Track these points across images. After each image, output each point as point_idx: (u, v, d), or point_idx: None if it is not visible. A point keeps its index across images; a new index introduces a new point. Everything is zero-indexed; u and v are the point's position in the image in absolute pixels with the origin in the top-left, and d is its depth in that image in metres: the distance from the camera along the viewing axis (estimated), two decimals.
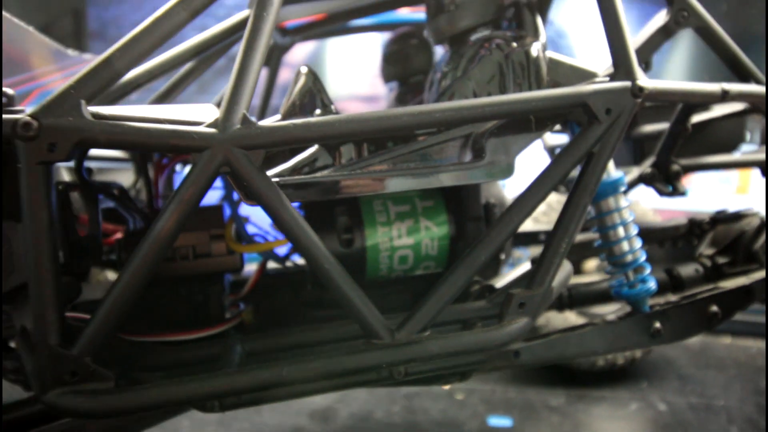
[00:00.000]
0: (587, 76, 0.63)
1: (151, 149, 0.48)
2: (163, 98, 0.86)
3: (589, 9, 0.62)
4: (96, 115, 0.43)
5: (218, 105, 0.91)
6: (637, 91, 0.53)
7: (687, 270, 0.78)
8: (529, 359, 0.65)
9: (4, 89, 0.47)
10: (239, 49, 0.47)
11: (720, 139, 0.82)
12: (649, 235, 0.92)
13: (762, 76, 0.70)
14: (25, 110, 0.48)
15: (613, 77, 0.55)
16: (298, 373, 0.48)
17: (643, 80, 0.54)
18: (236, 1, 0.82)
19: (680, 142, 0.74)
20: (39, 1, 1.72)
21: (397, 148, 0.58)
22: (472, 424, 1.07)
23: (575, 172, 0.56)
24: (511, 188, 1.03)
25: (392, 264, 0.66)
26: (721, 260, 0.78)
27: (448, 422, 1.07)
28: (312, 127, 0.47)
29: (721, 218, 0.85)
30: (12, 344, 0.64)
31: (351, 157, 0.57)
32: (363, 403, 1.13)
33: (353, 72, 1.62)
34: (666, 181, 0.78)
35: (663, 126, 0.77)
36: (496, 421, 1.08)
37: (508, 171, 0.56)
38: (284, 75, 0.97)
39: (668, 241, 0.93)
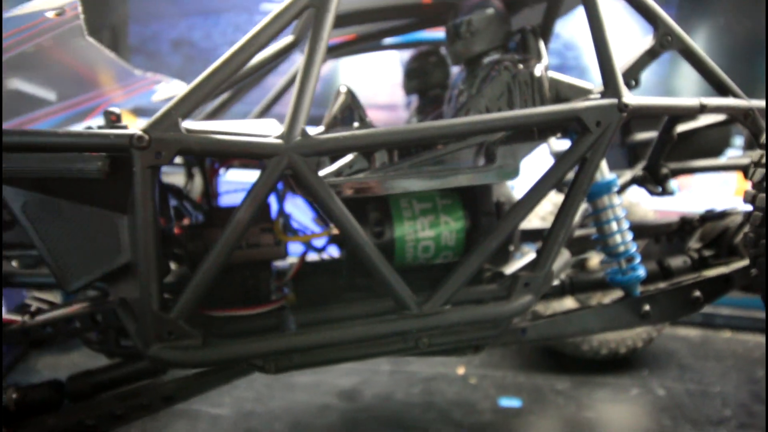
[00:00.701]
0: (582, 92, 0.74)
1: (232, 156, 0.59)
2: (213, 115, 0.99)
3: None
4: (188, 130, 0.55)
5: (257, 116, 1.05)
6: (622, 106, 0.64)
7: (676, 261, 0.88)
8: (534, 336, 0.76)
9: (112, 108, 0.59)
10: (298, 74, 0.59)
11: (707, 145, 0.92)
12: (644, 231, 1.03)
13: (739, 90, 0.80)
14: (126, 125, 0.61)
15: (603, 95, 0.66)
16: (344, 335, 0.59)
17: (628, 97, 0.65)
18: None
19: (668, 148, 0.84)
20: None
21: (422, 154, 0.70)
22: (484, 404, 1.17)
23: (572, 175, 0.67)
24: (518, 188, 1.14)
25: (416, 253, 0.77)
26: (707, 253, 0.88)
27: (462, 402, 1.18)
28: (357, 137, 0.58)
29: (709, 216, 0.95)
30: (98, 318, 0.76)
31: (384, 162, 0.69)
32: (384, 385, 1.24)
33: (372, 82, 1.74)
34: (656, 182, 0.88)
35: (653, 134, 0.88)
36: (506, 402, 1.19)
37: (515, 173, 0.67)
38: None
39: (662, 237, 1.03)
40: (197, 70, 1.67)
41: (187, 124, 0.56)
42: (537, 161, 0.83)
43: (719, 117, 0.87)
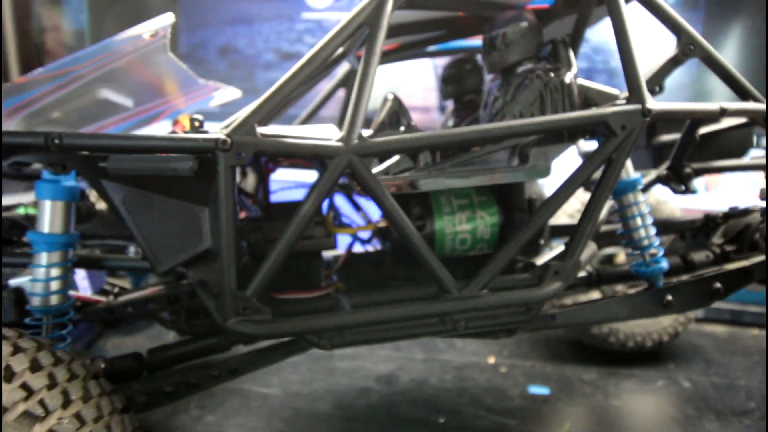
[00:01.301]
0: (609, 97, 0.81)
1: (300, 157, 0.68)
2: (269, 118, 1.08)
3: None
4: (263, 135, 0.64)
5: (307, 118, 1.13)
6: (646, 111, 0.71)
7: (699, 256, 0.94)
8: (563, 321, 0.83)
9: (196, 115, 0.68)
10: (355, 85, 0.67)
11: (730, 146, 0.97)
12: (670, 227, 1.08)
13: (759, 95, 0.85)
14: (207, 130, 0.70)
15: (628, 100, 0.73)
16: (392, 314, 0.67)
17: (651, 103, 0.72)
18: None
19: (690, 149, 0.90)
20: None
21: (462, 155, 0.77)
22: (514, 391, 1.24)
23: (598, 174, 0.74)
24: (548, 186, 1.20)
25: (454, 245, 0.85)
26: (729, 248, 0.93)
27: (493, 389, 1.25)
28: (405, 141, 0.67)
29: (732, 214, 1.00)
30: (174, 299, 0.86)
31: (427, 162, 0.77)
32: (420, 372, 1.32)
33: (407, 86, 1.82)
34: (679, 181, 0.94)
35: (677, 136, 0.93)
36: (535, 389, 1.25)
37: (546, 172, 0.74)
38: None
39: (688, 233, 1.08)
40: (241, 75, 1.81)
41: (262, 130, 0.65)
42: (565, 161, 0.89)
43: (740, 119, 0.92)
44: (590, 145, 1.19)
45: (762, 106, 0.84)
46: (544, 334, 1.54)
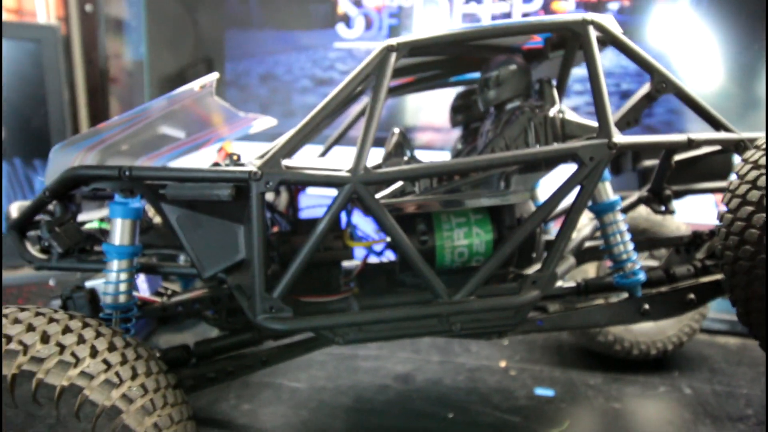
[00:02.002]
0: (589, 130, 0.92)
1: (315, 185, 0.82)
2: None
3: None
4: (287, 167, 0.79)
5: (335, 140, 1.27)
6: (612, 145, 0.82)
7: (680, 269, 1.03)
8: (549, 326, 0.94)
9: (234, 152, 0.84)
10: (363, 125, 0.81)
11: (713, 169, 1.06)
12: (663, 242, 1.17)
13: (729, 125, 0.95)
14: (243, 162, 0.86)
15: (597, 135, 0.84)
16: (392, 314, 0.81)
17: (617, 137, 0.83)
18: None
19: (668, 174, 1.00)
20: (178, 51, 2.21)
21: (457, 181, 0.90)
22: (521, 392, 1.34)
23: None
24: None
25: (453, 257, 0.97)
26: (709, 263, 1.02)
27: (501, 389, 1.36)
28: (404, 171, 0.80)
29: (716, 230, 1.09)
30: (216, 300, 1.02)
31: (426, 187, 0.90)
32: (434, 372, 1.44)
33: (432, 108, 1.95)
34: (659, 202, 1.03)
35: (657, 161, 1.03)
36: (541, 391, 1.35)
37: (525, 196, 0.86)
38: None
39: (682, 248, 1.17)
40: (280, 99, 2.01)
41: (286, 162, 0.81)
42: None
43: (717, 146, 1.01)
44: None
45: (731, 135, 0.93)
46: (555, 341, 1.64)
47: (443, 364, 1.49)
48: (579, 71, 1.72)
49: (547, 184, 0.96)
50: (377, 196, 0.88)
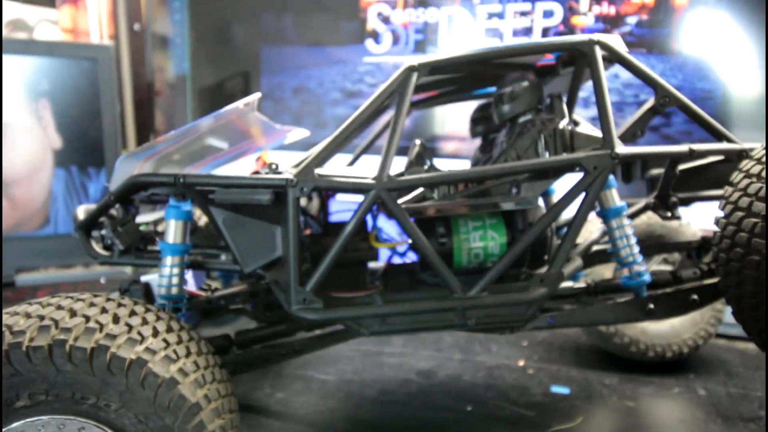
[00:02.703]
0: (595, 141, 0.99)
1: (344, 192, 0.92)
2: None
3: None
4: (320, 175, 0.89)
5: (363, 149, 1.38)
6: (614, 155, 0.90)
7: (687, 272, 1.09)
8: (559, 322, 1.02)
9: (273, 161, 0.95)
10: (386, 138, 0.91)
11: (717, 178, 1.12)
12: (671, 247, 1.23)
13: (731, 136, 1.01)
14: (281, 170, 0.97)
15: (601, 146, 0.92)
16: (415, 306, 0.90)
17: (619, 148, 0.90)
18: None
19: (672, 182, 1.06)
20: (218, 65, 2.37)
21: (473, 188, 0.99)
22: (537, 389, 1.41)
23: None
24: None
25: (470, 258, 1.06)
26: (714, 266, 1.08)
27: (518, 386, 1.43)
28: (423, 179, 0.90)
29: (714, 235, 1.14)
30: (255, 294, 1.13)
31: (444, 193, 0.99)
32: (455, 369, 1.52)
33: (462, 117, 2.04)
34: (665, 209, 1.10)
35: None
36: (557, 389, 1.42)
37: (533, 201, 0.94)
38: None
39: (693, 252, 1.22)
40: (312, 111, 2.16)
41: (318, 170, 0.91)
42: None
43: (720, 156, 1.07)
44: None
45: (733, 146, 0.99)
46: (573, 343, 1.69)
47: (464, 361, 1.57)
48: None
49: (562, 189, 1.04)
50: (400, 201, 0.98)
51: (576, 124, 1.04)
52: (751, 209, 0.77)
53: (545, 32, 1.84)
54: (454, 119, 2.04)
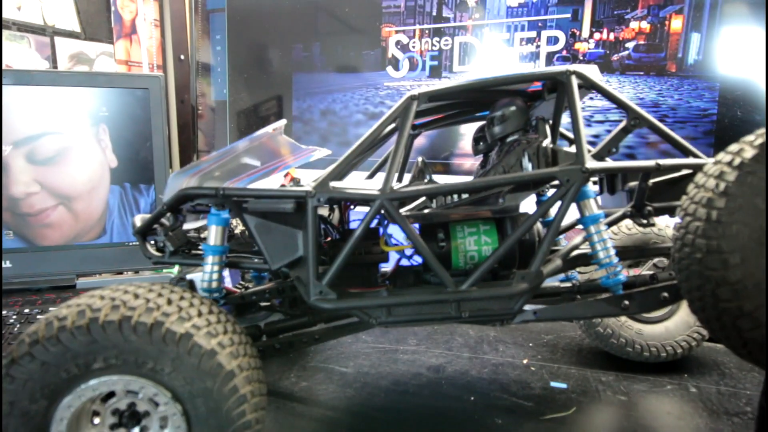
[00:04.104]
0: (572, 157, 1.14)
1: (353, 201, 1.10)
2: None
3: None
4: (334, 188, 1.07)
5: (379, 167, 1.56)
6: (584, 170, 1.05)
7: (663, 275, 1.21)
8: (543, 316, 1.16)
9: (297, 176, 1.14)
10: (390, 156, 1.08)
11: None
12: (650, 252, 1.36)
13: (698, 152, 1.14)
14: (302, 184, 1.16)
15: (574, 162, 1.07)
16: (413, 298, 1.06)
17: (589, 163, 1.05)
18: None
19: (647, 193, 1.20)
20: (254, 91, 2.60)
21: (466, 198, 1.15)
22: (537, 384, 1.54)
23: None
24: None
25: (466, 260, 1.21)
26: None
27: (520, 381, 1.56)
28: (421, 191, 1.07)
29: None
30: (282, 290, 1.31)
31: (441, 203, 1.16)
32: (463, 365, 1.66)
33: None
34: (641, 217, 1.23)
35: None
36: (555, 384, 1.54)
37: (515, 210, 1.09)
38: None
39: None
40: (338, 131, 2.39)
41: (333, 184, 1.09)
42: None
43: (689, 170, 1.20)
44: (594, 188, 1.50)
45: (698, 161, 1.13)
46: (576, 345, 1.81)
47: (471, 359, 1.71)
48: (599, 103, 1.92)
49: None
50: (403, 210, 1.15)
51: (571, 142, 1.19)
52: (696, 214, 0.91)
53: (550, 57, 1.99)
54: (468, 139, 2.20)
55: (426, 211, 1.14)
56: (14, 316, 1.64)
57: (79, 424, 0.92)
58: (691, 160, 1.13)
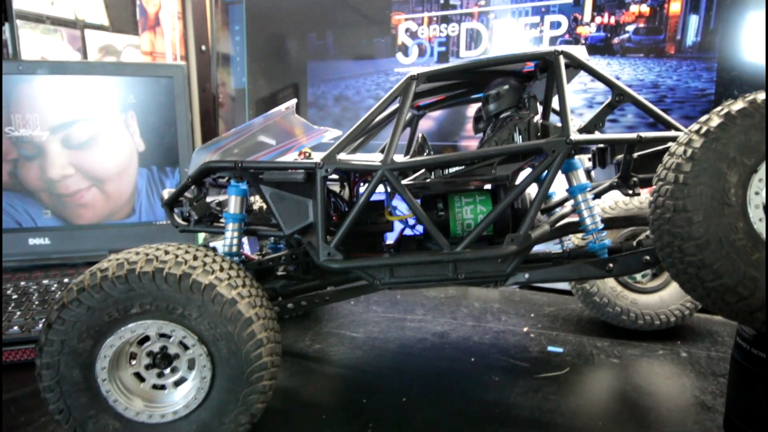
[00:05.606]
0: (558, 131, 1.24)
1: (358, 172, 1.21)
2: (358, 148, 1.65)
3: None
4: (340, 160, 1.19)
5: (381, 151, 1.67)
6: (569, 141, 1.14)
7: (648, 241, 1.30)
8: (533, 278, 1.26)
9: (312, 151, 1.26)
10: (392, 130, 1.19)
11: None
12: (639, 221, 1.44)
13: (678, 125, 1.23)
14: (313, 156, 1.27)
15: (560, 134, 1.16)
16: (412, 258, 1.17)
17: (573, 135, 1.14)
18: None
19: (632, 164, 1.28)
20: (272, 79, 2.72)
21: (463, 169, 1.26)
22: (534, 348, 1.64)
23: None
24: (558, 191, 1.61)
25: (463, 228, 1.32)
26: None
27: (519, 346, 1.66)
28: (419, 162, 1.17)
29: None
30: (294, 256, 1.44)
31: (440, 173, 1.26)
32: (466, 332, 1.77)
33: None
34: (627, 187, 1.32)
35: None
36: (552, 348, 1.64)
37: (504, 179, 1.19)
38: None
39: None
40: (350, 116, 2.55)
41: (340, 156, 1.20)
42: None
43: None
44: (587, 163, 1.59)
45: (676, 134, 1.21)
46: (576, 316, 1.90)
47: (475, 327, 1.82)
48: (600, 85, 2.00)
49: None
50: (404, 181, 1.26)
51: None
52: (666, 179, 1.00)
53: (553, 41, 2.07)
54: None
55: (421, 181, 1.25)
56: (55, 285, 1.80)
57: (119, 364, 1.06)
58: (669, 133, 1.21)
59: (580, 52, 1.25)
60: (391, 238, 1.45)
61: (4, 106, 2.03)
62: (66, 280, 1.85)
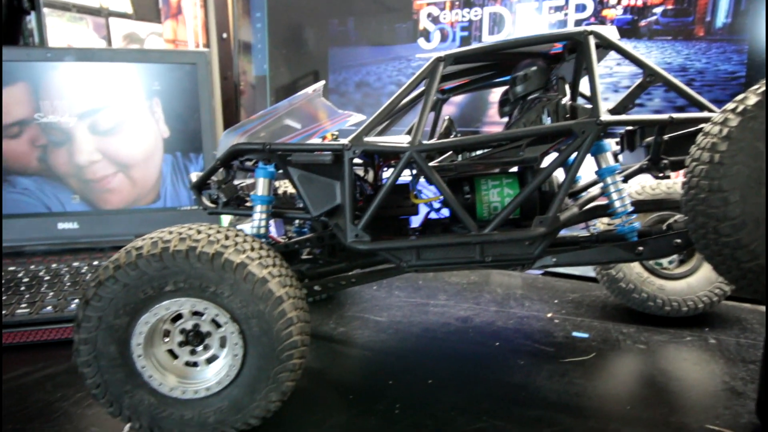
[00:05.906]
0: (587, 112, 1.22)
1: (385, 154, 1.21)
2: (383, 131, 1.65)
3: None
4: (366, 142, 1.19)
5: (408, 132, 1.67)
6: (599, 122, 1.13)
7: (679, 224, 1.29)
8: (561, 262, 1.26)
9: (338, 136, 1.26)
10: (417, 115, 1.19)
11: None
12: (669, 204, 1.42)
13: (711, 105, 1.20)
14: (340, 139, 1.28)
15: (590, 116, 1.15)
16: (439, 240, 1.18)
17: (603, 116, 1.13)
18: None
19: (662, 146, 1.26)
20: (292, 66, 2.73)
21: (490, 150, 1.25)
22: (559, 334, 1.64)
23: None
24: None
25: (489, 211, 1.32)
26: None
27: (543, 331, 1.66)
28: (446, 143, 1.17)
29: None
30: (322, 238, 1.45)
31: (468, 155, 1.26)
32: (490, 317, 1.77)
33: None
34: (657, 170, 1.30)
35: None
36: (577, 333, 1.64)
37: (532, 161, 1.18)
38: None
39: None
40: (372, 102, 2.55)
41: (367, 139, 1.21)
42: None
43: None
44: (615, 147, 1.57)
45: (709, 114, 1.19)
46: (601, 302, 1.89)
47: (498, 312, 1.81)
48: (628, 69, 1.97)
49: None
50: (432, 163, 1.26)
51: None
52: (701, 159, 0.98)
53: (578, 24, 2.04)
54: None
55: (449, 162, 1.24)
56: (85, 267, 1.83)
57: (153, 341, 1.08)
58: (701, 114, 1.19)
59: (610, 32, 1.23)
60: (416, 222, 1.45)
61: (33, 92, 2.07)
62: (96, 263, 1.89)
